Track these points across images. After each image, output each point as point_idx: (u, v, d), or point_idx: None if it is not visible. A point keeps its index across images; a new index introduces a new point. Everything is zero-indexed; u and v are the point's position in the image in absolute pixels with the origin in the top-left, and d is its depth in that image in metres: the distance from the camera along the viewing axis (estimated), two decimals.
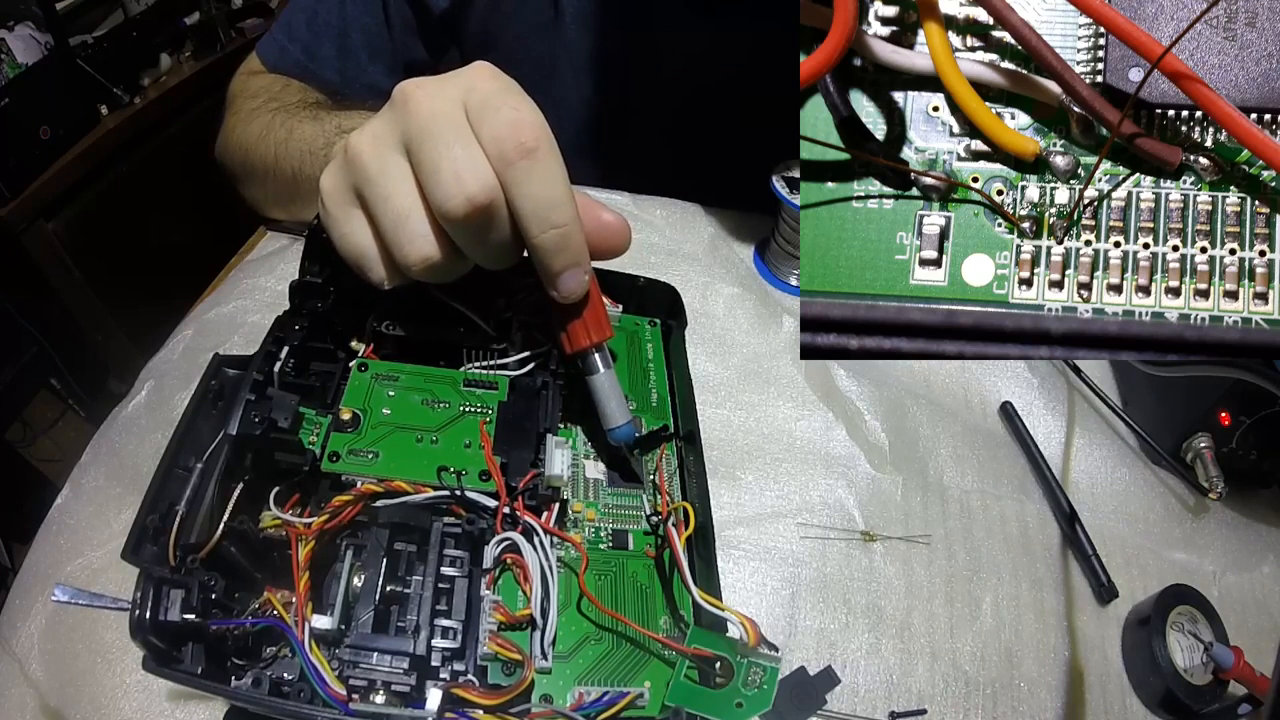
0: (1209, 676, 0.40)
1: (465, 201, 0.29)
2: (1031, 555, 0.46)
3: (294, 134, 0.51)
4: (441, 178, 0.29)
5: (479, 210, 0.30)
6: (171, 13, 1.29)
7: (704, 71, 0.64)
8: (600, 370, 0.35)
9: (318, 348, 0.38)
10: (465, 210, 0.29)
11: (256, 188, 0.56)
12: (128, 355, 1.27)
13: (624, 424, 0.36)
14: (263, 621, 0.29)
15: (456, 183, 0.29)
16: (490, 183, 0.30)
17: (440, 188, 0.30)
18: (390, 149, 0.31)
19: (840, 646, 0.41)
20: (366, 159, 0.31)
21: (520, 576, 0.32)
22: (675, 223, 0.61)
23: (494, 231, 0.31)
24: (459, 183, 0.29)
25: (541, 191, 0.30)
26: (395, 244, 0.31)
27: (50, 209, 1.12)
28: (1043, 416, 0.52)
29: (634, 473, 0.39)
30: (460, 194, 0.29)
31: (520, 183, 0.30)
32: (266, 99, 0.57)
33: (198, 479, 0.31)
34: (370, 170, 0.31)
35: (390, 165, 0.31)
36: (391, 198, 0.31)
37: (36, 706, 0.35)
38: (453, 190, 0.29)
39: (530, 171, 0.30)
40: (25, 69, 1.04)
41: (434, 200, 0.30)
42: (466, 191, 0.29)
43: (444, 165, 0.30)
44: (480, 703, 0.29)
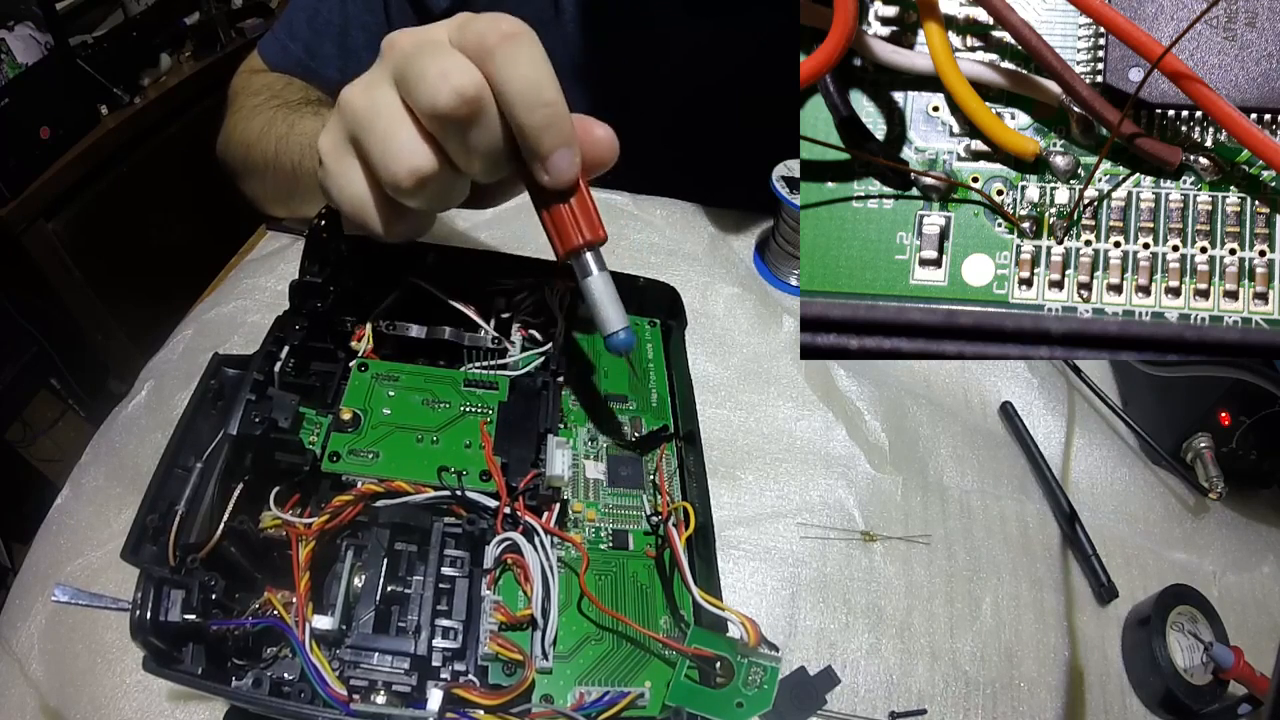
0: (1209, 676, 0.40)
1: (452, 92, 0.29)
2: (1031, 555, 0.46)
3: (295, 129, 0.52)
4: (428, 79, 0.29)
5: (467, 103, 0.29)
6: (171, 13, 1.29)
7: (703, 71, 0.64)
8: (594, 272, 0.33)
9: (318, 348, 0.38)
10: (453, 102, 0.29)
11: (257, 184, 0.56)
12: (128, 355, 1.27)
13: (621, 329, 0.33)
14: (263, 622, 0.29)
15: (443, 79, 0.29)
16: (476, 78, 0.30)
17: (426, 88, 0.29)
18: (378, 87, 0.32)
19: (840, 646, 0.41)
20: (355, 98, 0.32)
21: (521, 576, 0.32)
22: (675, 223, 0.61)
23: (483, 127, 0.30)
24: (445, 79, 0.29)
25: (527, 72, 0.30)
26: (384, 164, 0.31)
27: (50, 209, 1.12)
28: (1043, 416, 0.52)
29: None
30: (447, 87, 0.29)
31: (505, 66, 0.30)
32: (268, 96, 0.57)
33: (198, 479, 0.31)
34: (358, 105, 0.32)
35: (378, 97, 0.31)
36: (378, 118, 0.31)
37: (36, 706, 0.35)
38: (440, 87, 0.29)
39: (515, 55, 0.30)
40: (25, 69, 1.04)
41: (421, 103, 0.30)
42: (452, 83, 0.29)
43: (429, 69, 0.29)
44: (481, 703, 0.29)
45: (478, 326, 0.41)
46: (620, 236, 0.59)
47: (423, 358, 0.39)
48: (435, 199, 0.33)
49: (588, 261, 0.33)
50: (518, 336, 0.41)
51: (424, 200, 0.32)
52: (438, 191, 0.32)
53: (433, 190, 0.32)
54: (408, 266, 0.41)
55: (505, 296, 0.43)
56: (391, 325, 0.39)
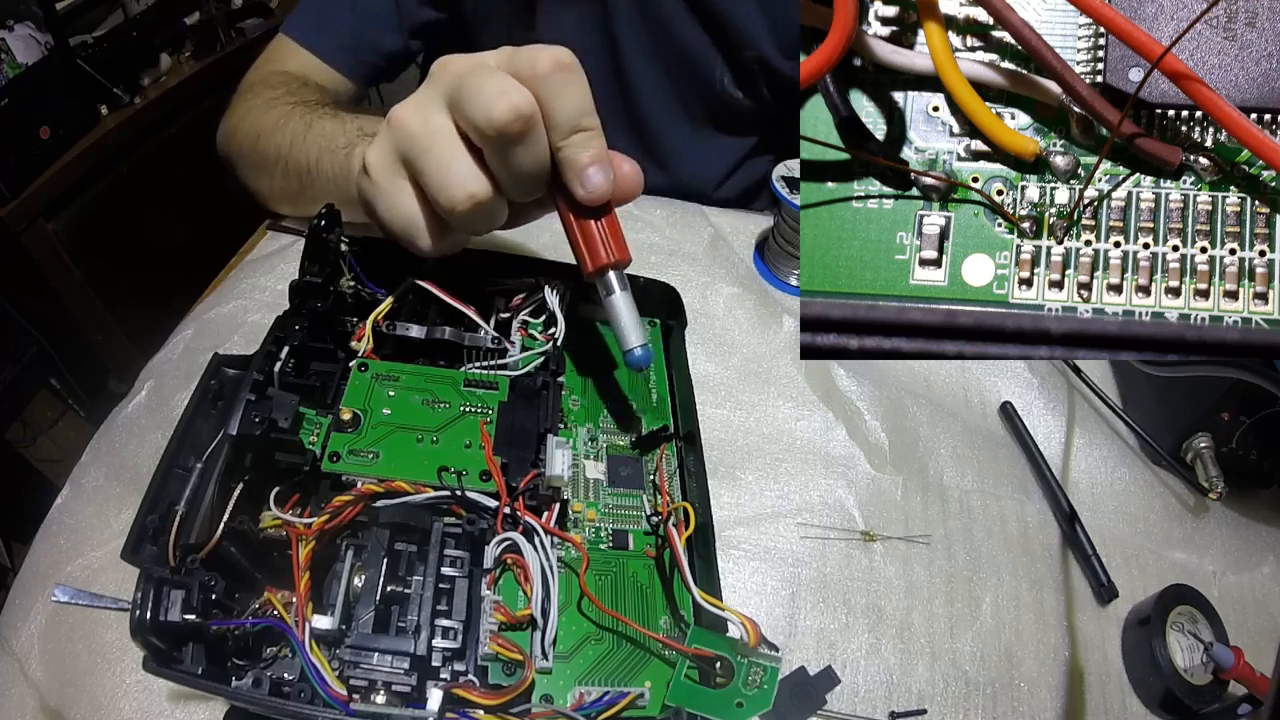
0: (1209, 676, 0.40)
1: (510, 108, 0.31)
2: (1031, 555, 0.46)
3: (313, 127, 0.52)
4: (486, 94, 0.31)
5: (522, 120, 0.31)
6: (171, 13, 1.29)
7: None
8: (618, 290, 0.36)
9: (318, 348, 0.38)
10: (509, 117, 0.31)
11: (263, 177, 0.56)
12: (128, 355, 1.27)
13: (639, 346, 0.35)
14: (263, 622, 0.29)
15: (501, 95, 0.31)
16: (530, 98, 0.32)
17: (483, 104, 0.31)
18: (432, 110, 0.34)
19: (840, 646, 0.41)
20: (409, 119, 0.34)
21: (521, 576, 0.32)
22: (675, 223, 0.61)
23: (532, 145, 0.33)
24: (503, 95, 0.31)
25: (574, 102, 0.33)
26: (441, 188, 0.33)
27: (50, 209, 1.11)
28: (1043, 416, 0.52)
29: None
30: (504, 102, 0.31)
31: (555, 95, 0.32)
32: (285, 91, 0.58)
33: (198, 479, 0.31)
34: (413, 128, 0.34)
35: (433, 120, 0.33)
36: (435, 146, 0.33)
37: (36, 706, 0.35)
38: (498, 103, 0.31)
39: (565, 84, 0.32)
40: (25, 69, 1.04)
41: (478, 118, 0.32)
42: (510, 100, 0.31)
43: (487, 86, 0.32)
44: (481, 703, 0.29)
45: (478, 326, 0.41)
46: None
47: (423, 358, 0.39)
48: (484, 222, 0.35)
49: (612, 280, 0.36)
50: (518, 336, 0.41)
51: (473, 224, 0.35)
52: (487, 215, 0.34)
53: (485, 213, 0.34)
54: (408, 266, 0.41)
55: (505, 296, 0.43)
56: (391, 325, 0.39)
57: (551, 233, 0.36)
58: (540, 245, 0.56)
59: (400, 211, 0.35)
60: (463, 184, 0.33)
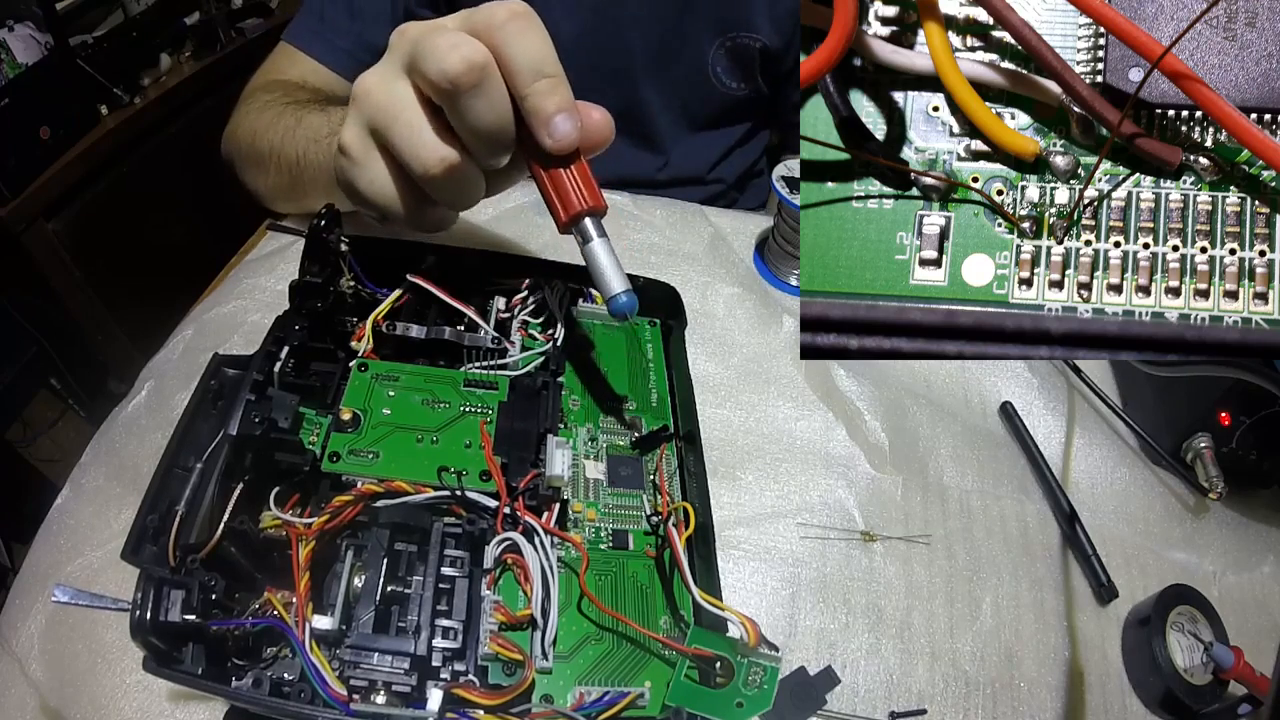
0: (1209, 676, 0.40)
1: (460, 59, 0.31)
2: (1031, 555, 0.46)
3: (302, 122, 0.53)
4: (438, 51, 0.31)
5: (475, 69, 0.31)
6: (171, 13, 1.29)
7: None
8: (595, 238, 0.34)
9: (318, 348, 0.38)
10: (461, 68, 0.31)
11: (260, 174, 0.57)
12: (128, 355, 1.26)
13: (623, 292, 0.34)
14: (263, 622, 0.29)
15: (451, 49, 0.31)
16: (482, 48, 0.31)
17: (436, 58, 0.31)
18: (394, 78, 0.34)
19: (840, 646, 0.41)
20: (374, 90, 0.34)
21: (521, 576, 0.32)
22: (675, 223, 0.61)
23: (489, 97, 0.32)
24: (453, 49, 0.31)
25: (532, 47, 0.32)
26: (414, 156, 0.33)
27: (50, 209, 1.11)
28: (1043, 416, 0.52)
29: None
30: (455, 54, 0.31)
31: (511, 42, 0.32)
32: (282, 94, 0.59)
33: (198, 479, 0.31)
34: (378, 98, 0.34)
35: (396, 89, 0.33)
36: (402, 113, 0.33)
37: (36, 706, 0.35)
38: (449, 55, 0.31)
39: (521, 31, 0.32)
40: (25, 69, 1.04)
41: (431, 72, 0.31)
42: (460, 52, 0.31)
43: (439, 42, 0.31)
44: (481, 703, 0.29)
45: (478, 326, 0.41)
46: (620, 236, 0.59)
47: (423, 358, 0.39)
48: (461, 191, 0.35)
49: (588, 228, 0.34)
50: (518, 336, 0.41)
51: (449, 192, 0.34)
52: (462, 182, 0.34)
53: (458, 180, 0.34)
54: (408, 266, 0.41)
55: (505, 296, 0.43)
56: (391, 325, 0.39)
57: (551, 232, 0.36)
58: (540, 245, 0.56)
59: (377, 186, 0.35)
60: (434, 149, 0.33)
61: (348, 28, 0.65)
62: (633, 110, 0.72)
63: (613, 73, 0.69)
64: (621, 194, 0.62)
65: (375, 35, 0.65)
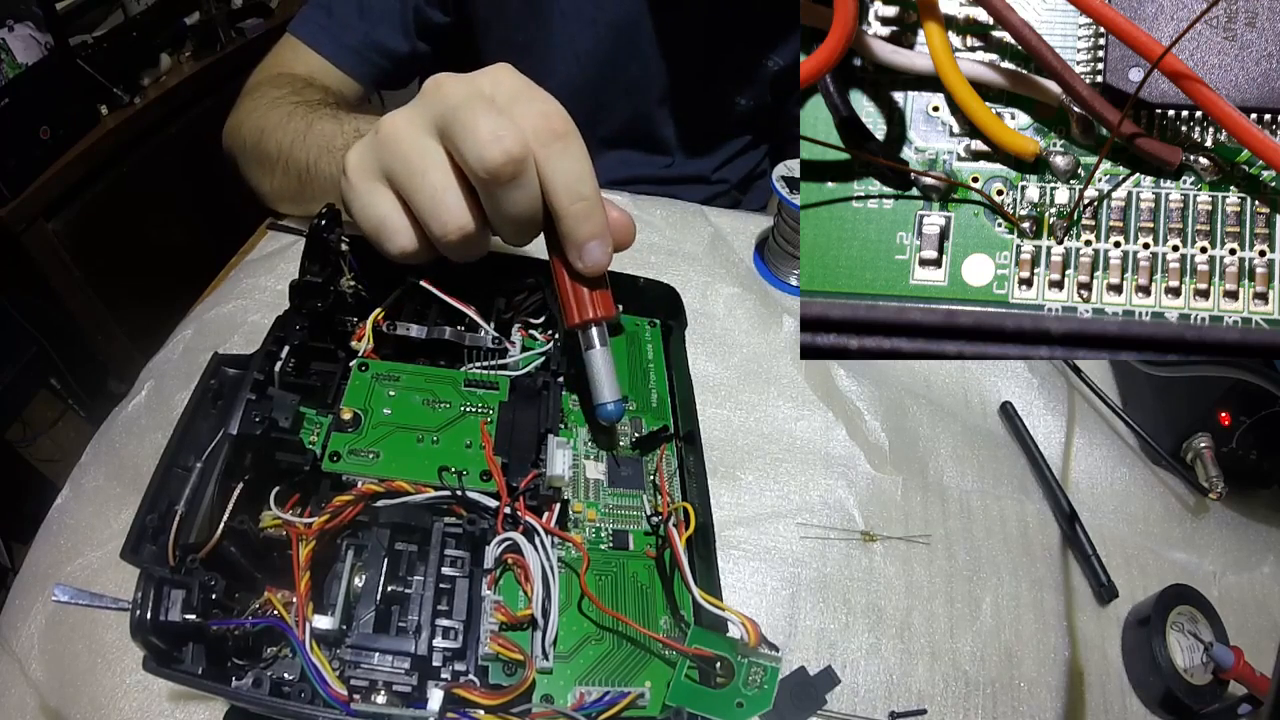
0: (1209, 676, 0.40)
1: (503, 153, 0.31)
2: (1031, 555, 0.46)
3: (314, 127, 0.52)
4: (480, 135, 0.31)
5: (515, 163, 0.31)
6: (171, 13, 1.29)
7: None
8: (598, 346, 0.36)
9: (318, 347, 0.38)
10: (502, 161, 0.31)
11: (265, 174, 0.56)
12: (128, 355, 1.26)
13: (611, 401, 0.36)
14: (263, 621, 0.29)
15: (495, 140, 0.31)
16: (525, 142, 0.32)
17: (478, 144, 0.31)
18: (424, 131, 0.34)
19: (840, 646, 0.41)
20: (401, 137, 0.34)
21: (521, 576, 0.32)
22: (675, 223, 0.61)
23: (523, 194, 0.33)
24: (497, 141, 0.31)
25: (572, 167, 0.33)
26: (433, 216, 0.33)
27: (50, 209, 1.11)
28: (1043, 416, 0.52)
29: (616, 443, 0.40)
30: (498, 147, 0.31)
31: (553, 160, 0.33)
32: (290, 91, 0.59)
33: (197, 479, 0.31)
34: (404, 147, 0.34)
35: (426, 144, 0.34)
36: (429, 172, 0.33)
37: (36, 706, 0.35)
38: (491, 146, 0.31)
39: (564, 152, 0.33)
40: (25, 69, 1.04)
41: (470, 156, 0.32)
42: (504, 145, 0.31)
43: (482, 126, 0.32)
44: (481, 703, 0.29)
45: (478, 326, 0.41)
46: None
47: (423, 358, 0.39)
48: (469, 251, 0.35)
49: (593, 335, 0.36)
50: (518, 336, 0.41)
51: (457, 252, 0.35)
52: (475, 246, 0.35)
53: (471, 244, 0.34)
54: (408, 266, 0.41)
55: (505, 296, 0.43)
56: (392, 325, 0.39)
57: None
58: (540, 245, 0.56)
59: (374, 212, 0.35)
60: (457, 217, 0.33)
61: (356, 25, 0.64)
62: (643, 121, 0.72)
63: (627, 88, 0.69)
64: (622, 194, 0.62)
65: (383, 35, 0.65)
